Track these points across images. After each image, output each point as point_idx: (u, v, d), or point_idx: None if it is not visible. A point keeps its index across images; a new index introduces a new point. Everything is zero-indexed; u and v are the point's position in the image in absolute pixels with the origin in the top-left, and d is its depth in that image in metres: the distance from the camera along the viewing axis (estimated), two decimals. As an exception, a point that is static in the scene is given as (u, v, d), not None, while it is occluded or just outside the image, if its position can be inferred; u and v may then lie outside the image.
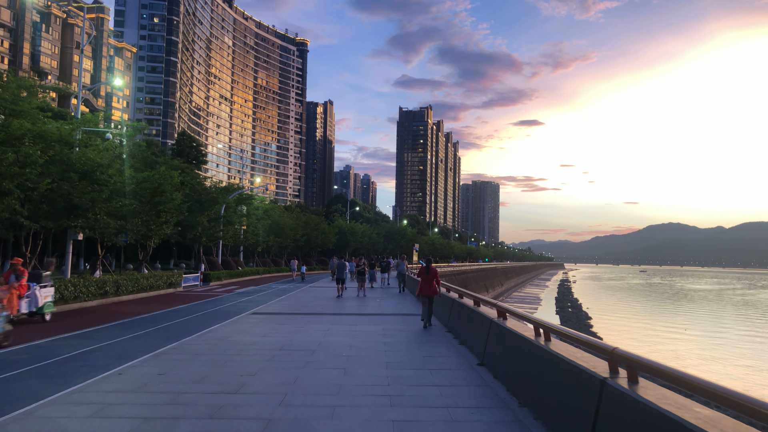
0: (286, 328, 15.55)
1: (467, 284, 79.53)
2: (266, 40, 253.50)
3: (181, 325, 17.04)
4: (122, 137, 28.14)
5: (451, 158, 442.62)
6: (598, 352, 6.03)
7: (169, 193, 26.48)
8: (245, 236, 52.30)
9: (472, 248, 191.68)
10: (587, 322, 57.44)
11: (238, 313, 20.24)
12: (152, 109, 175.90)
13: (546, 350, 7.22)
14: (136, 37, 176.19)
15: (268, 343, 12.83)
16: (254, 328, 15.64)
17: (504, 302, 12.36)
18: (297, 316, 19.02)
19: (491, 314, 11.24)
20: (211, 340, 13.30)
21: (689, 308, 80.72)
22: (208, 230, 40.22)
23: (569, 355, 6.63)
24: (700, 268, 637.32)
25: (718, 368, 32.66)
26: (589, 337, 6.40)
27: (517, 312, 9.74)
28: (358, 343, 13.06)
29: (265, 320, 17.53)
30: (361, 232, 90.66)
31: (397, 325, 16.71)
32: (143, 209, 25.38)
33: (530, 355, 7.87)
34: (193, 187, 40.91)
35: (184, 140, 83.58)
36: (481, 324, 11.50)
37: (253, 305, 23.53)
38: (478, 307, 12.93)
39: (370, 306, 23.02)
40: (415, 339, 13.81)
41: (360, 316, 18.98)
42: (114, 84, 43.10)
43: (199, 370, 9.76)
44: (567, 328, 7.14)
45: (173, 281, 32.82)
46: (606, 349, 5.70)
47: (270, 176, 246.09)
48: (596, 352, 6.16)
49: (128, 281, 26.63)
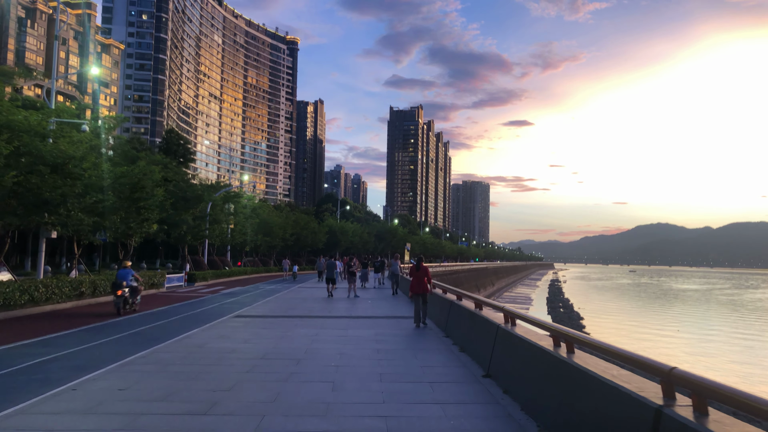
0: (270, 333, 14.34)
1: (459, 284, 78.70)
2: (256, 38, 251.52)
3: (157, 330, 15.77)
4: (100, 129, 26.71)
5: (441, 158, 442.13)
6: (646, 371, 4.89)
7: (149, 189, 25.11)
8: (233, 235, 50.92)
9: (463, 248, 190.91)
10: (579, 322, 56.97)
11: (221, 315, 18.99)
12: (141, 107, 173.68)
13: (573, 366, 6.07)
14: (125, 34, 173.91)
15: (249, 351, 11.62)
16: (236, 332, 14.41)
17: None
18: (283, 319, 17.81)
19: (497, 319, 10.10)
20: (187, 347, 12.06)
21: (680, 308, 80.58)
22: (194, 229, 38.84)
23: (603, 373, 5.49)
24: (688, 268, 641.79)
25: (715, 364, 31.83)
26: (636, 353, 5.25)
27: (529, 317, 8.60)
28: (349, 350, 11.87)
29: (248, 324, 16.30)
30: (351, 231, 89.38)
31: (390, 329, 15.54)
32: (122, 206, 24.02)
33: (550, 370, 6.73)
34: (178, 184, 39.56)
35: (171, 138, 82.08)
36: (485, 330, 10.36)
37: (237, 307, 22.27)
38: (480, 310, 11.79)
39: (361, 308, 21.85)
40: (410, 345, 12.64)
41: (351, 320, 17.80)
42: (90, 73, 41.65)
43: (166, 384, 8.54)
44: (598, 340, 6.00)
45: (155, 282, 31.46)
46: (661, 369, 4.55)
47: (260, 175, 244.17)
48: (641, 370, 5.04)
49: (107, 282, 25.26)
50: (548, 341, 7.49)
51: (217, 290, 33.43)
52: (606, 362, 6.12)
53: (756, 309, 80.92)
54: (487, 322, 10.31)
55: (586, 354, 6.57)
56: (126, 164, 25.89)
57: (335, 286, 28.46)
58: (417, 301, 15.88)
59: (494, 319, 10.07)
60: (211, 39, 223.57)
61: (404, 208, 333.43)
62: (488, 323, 10.16)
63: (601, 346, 5.79)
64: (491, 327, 9.87)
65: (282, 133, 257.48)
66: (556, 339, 7.18)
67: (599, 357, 6.35)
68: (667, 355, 36.06)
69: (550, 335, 7.33)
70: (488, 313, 11.22)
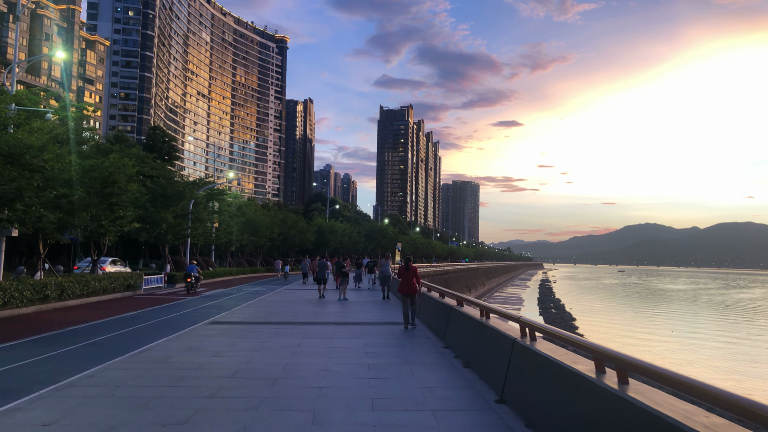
0: (246, 344, 12.64)
1: (450, 285, 77.42)
2: (245, 36, 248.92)
3: (119, 339, 14.00)
4: (68, 118, 24.79)
5: (431, 158, 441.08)
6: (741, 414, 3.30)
7: (122, 183, 23.27)
8: (217, 234, 49.07)
9: (454, 248, 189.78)
10: (572, 323, 56.16)
11: (195, 322, 17.25)
12: (127, 105, 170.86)
13: (634, 404, 4.47)
14: (110, 31, 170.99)
15: (218, 367, 9.93)
16: (207, 343, 12.71)
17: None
18: (264, 326, 16.11)
19: (511, 331, 8.49)
20: (146, 362, 10.36)
21: (672, 309, 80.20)
22: (174, 227, 36.95)
23: (689, 421, 3.88)
24: (676, 268, 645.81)
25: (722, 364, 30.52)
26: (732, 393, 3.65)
27: (555, 331, 6.99)
28: (335, 365, 10.20)
29: (223, 332, 14.60)
30: (341, 230, 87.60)
31: (382, 338, 13.90)
32: (92, 202, 22.16)
33: (596, 407, 5.13)
34: (157, 180, 37.69)
35: (156, 135, 79.99)
36: (496, 344, 8.74)
37: (215, 312, 20.51)
38: (486, 319, 10.19)
39: (351, 312, 20.19)
40: (406, 358, 10.99)
41: (339, 327, 16.14)
42: (56, 57, 39.55)
43: (106, 415, 6.85)
44: (668, 370, 4.39)
45: (132, 283, 29.59)
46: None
47: (248, 175, 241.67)
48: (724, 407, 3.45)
49: (75, 284, 23.42)
50: (587, 365, 5.89)
51: (198, 292, 31.59)
52: (674, 398, 4.52)
53: (746, 309, 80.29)
54: (498, 334, 8.70)
55: (644, 386, 4.97)
56: (98, 157, 23.98)
57: (326, 287, 27.56)
58: (405, 302, 15.66)
59: (508, 332, 8.47)
60: (199, 37, 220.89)
61: (394, 208, 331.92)
62: (500, 336, 8.55)
63: (675, 379, 4.18)
64: (504, 341, 8.27)
65: (271, 132, 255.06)
66: (600, 363, 5.59)
67: (670, 392, 4.75)
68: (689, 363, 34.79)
69: (592, 358, 5.73)
70: (498, 323, 9.61)
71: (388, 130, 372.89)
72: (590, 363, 5.85)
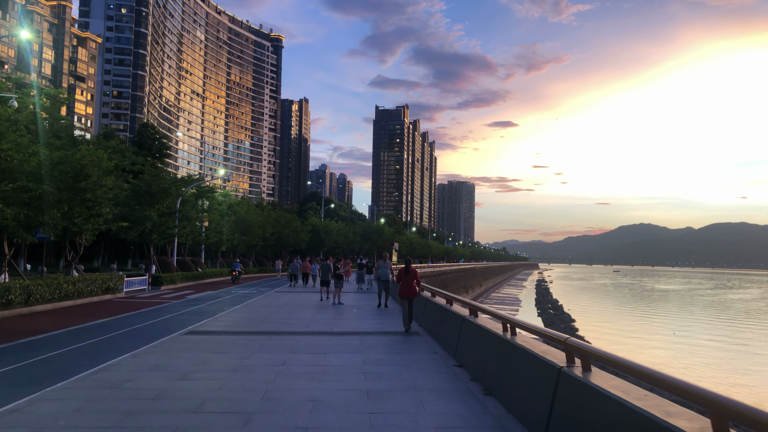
0: (222, 361, 10.71)
1: (447, 285, 75.88)
2: (240, 35, 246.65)
3: (74, 355, 12.03)
4: (36, 106, 22.76)
5: (427, 158, 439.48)
6: None
7: (96, 177, 21.27)
8: (207, 234, 47.05)
9: (450, 248, 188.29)
10: (571, 324, 54.67)
11: (171, 331, 15.30)
12: (120, 103, 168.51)
13: None
14: (103, 28, 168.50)
15: (182, 396, 8.01)
16: (177, 359, 10.78)
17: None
18: (247, 336, 14.18)
19: (552, 356, 6.60)
20: (95, 387, 8.43)
21: (670, 309, 79.26)
22: (160, 226, 34.95)
23: None
24: (670, 268, 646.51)
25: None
26: None
27: (616, 358, 5.12)
28: (327, 393, 8.29)
29: (199, 345, 12.67)
30: (336, 230, 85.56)
31: (383, 352, 11.99)
32: (62, 197, 20.17)
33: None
34: (142, 177, 35.69)
35: (146, 132, 78.05)
36: (532, 371, 6.84)
37: (196, 318, 18.55)
38: (512, 335, 8.30)
39: (346, 319, 18.27)
40: (413, 382, 9.08)
41: (332, 337, 14.22)
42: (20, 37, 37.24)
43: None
44: None
45: (111, 286, 27.56)
46: None
47: (243, 174, 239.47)
48: None
49: (45, 287, 21.42)
50: (693, 420, 4.01)
51: (182, 295, 29.63)
52: None
53: (745, 311, 78.92)
54: (535, 359, 6.79)
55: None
56: (69, 149, 21.95)
57: (326, 289, 25.97)
58: (404, 305, 15.24)
59: (548, 357, 6.57)
60: (193, 35, 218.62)
61: (390, 208, 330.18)
62: (539, 362, 6.64)
63: None
64: (546, 369, 6.38)
65: (266, 131, 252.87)
66: (722, 424, 3.71)
67: None
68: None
69: (710, 413, 3.84)
70: (530, 341, 7.72)
71: (384, 129, 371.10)
72: (701, 419, 3.97)
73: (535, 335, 7.51)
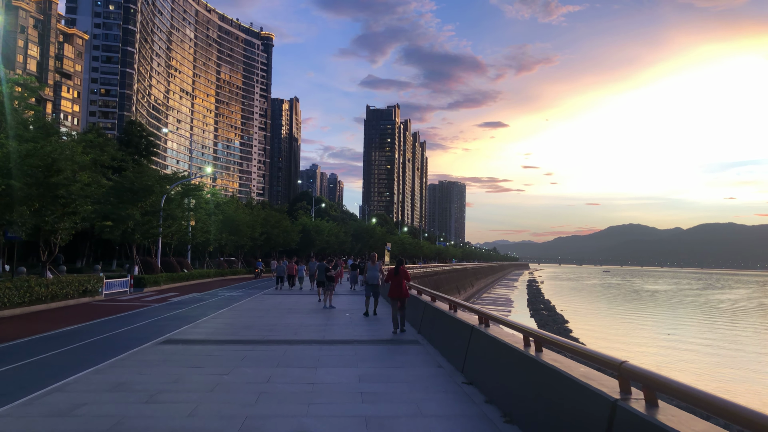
0: (198, 378, 9.33)
1: (440, 286, 74.89)
2: (230, 33, 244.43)
3: (29, 370, 10.53)
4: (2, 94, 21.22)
5: (418, 158, 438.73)
6: None
7: (69, 172, 19.80)
8: (194, 234, 45.53)
9: (441, 248, 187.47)
10: (565, 326, 53.73)
11: (146, 339, 13.88)
12: (108, 101, 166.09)
13: None
14: (90, 25, 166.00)
15: (144, 426, 6.62)
16: (145, 375, 9.38)
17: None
18: (229, 346, 12.80)
19: (602, 382, 5.29)
20: (40, 414, 7.04)
21: (664, 310, 78.89)
22: (143, 225, 33.42)
23: None
24: (659, 268, 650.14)
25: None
26: None
27: (697, 392, 3.84)
28: (317, 421, 6.91)
29: (174, 356, 11.28)
30: (327, 230, 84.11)
31: (380, 365, 10.64)
32: (33, 193, 18.70)
33: None
34: (125, 174, 34.13)
35: (132, 130, 76.22)
36: (570, 400, 5.51)
37: (175, 325, 17.10)
38: (538, 352, 6.98)
39: (338, 326, 16.91)
40: (418, 405, 7.74)
41: (323, 347, 12.86)
42: None
43: None
44: None
45: (89, 288, 26.03)
46: None
47: (233, 174, 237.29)
48: None
49: (13, 290, 19.92)
50: None
51: (165, 298, 28.14)
52: None
53: (729, 310, 78.49)
54: (575, 386, 5.47)
55: None
56: (39, 142, 20.39)
57: (322, 290, 24.63)
58: (395, 305, 14.95)
59: (593, 384, 5.26)
60: (182, 33, 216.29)
61: (381, 208, 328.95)
62: (581, 391, 5.31)
63: None
64: (593, 400, 5.06)
65: (256, 130, 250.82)
66: None
67: None
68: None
69: None
70: (562, 360, 6.41)
71: (375, 129, 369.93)
72: None
73: (571, 353, 6.20)
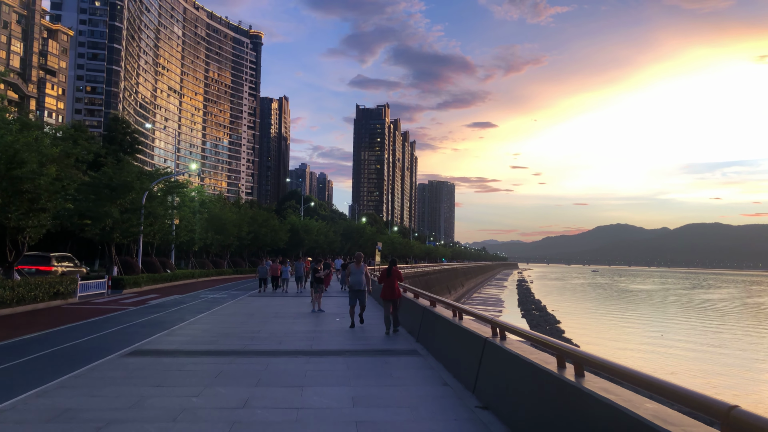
0: (162, 401, 7.81)
1: (431, 286, 73.91)
2: (218, 31, 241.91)
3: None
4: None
5: (408, 158, 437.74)
6: None
7: (34, 164, 18.17)
8: (178, 233, 43.85)
9: (431, 248, 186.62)
10: (557, 326, 52.87)
11: (111, 350, 12.32)
12: (93, 98, 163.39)
13: None
14: (76, 21, 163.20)
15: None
16: (100, 398, 7.85)
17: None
18: (204, 358, 11.28)
19: (663, 418, 3.88)
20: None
21: (657, 310, 78.64)
22: (122, 223, 31.75)
23: None
24: (647, 268, 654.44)
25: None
26: None
27: None
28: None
29: (140, 371, 9.75)
30: (316, 229, 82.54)
31: (378, 383, 9.15)
32: (-7, 188, 17.10)
33: None
34: (104, 170, 32.42)
35: (116, 126, 74.33)
36: None
37: (147, 332, 15.53)
38: (580, 377, 5.56)
39: (327, 332, 15.41)
40: (427, 439, 6.30)
41: (311, 358, 11.37)
42: None
43: None
44: None
45: (61, 290, 24.36)
46: None
47: (222, 173, 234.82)
48: None
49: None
50: None
51: (144, 300, 26.52)
52: None
53: (717, 310, 78.13)
54: (638, 424, 4.06)
55: None
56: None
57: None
58: (387, 307, 14.72)
59: (655, 420, 3.86)
60: (170, 30, 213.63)
61: (370, 208, 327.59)
62: (643, 428, 3.91)
63: None
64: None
65: (245, 129, 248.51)
66: None
67: None
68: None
69: None
70: (611, 389, 4.98)
71: (365, 129, 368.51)
72: None
73: (632, 384, 4.76)
